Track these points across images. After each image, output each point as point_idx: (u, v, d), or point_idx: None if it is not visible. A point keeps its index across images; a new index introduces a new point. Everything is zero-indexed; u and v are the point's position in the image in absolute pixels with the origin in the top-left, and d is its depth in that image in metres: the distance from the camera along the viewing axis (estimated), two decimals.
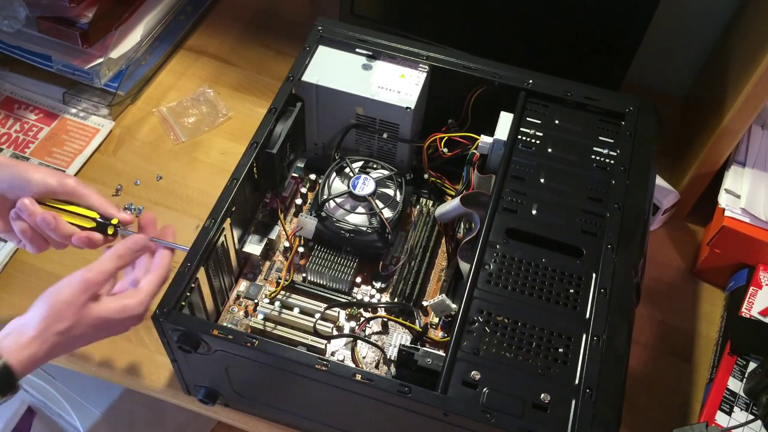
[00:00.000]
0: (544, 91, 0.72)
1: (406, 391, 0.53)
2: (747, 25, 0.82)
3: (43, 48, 0.91)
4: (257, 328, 0.69)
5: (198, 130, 0.92)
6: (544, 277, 0.60)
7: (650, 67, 0.97)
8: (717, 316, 0.80)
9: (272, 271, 0.75)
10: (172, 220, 0.82)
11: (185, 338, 0.57)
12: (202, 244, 0.61)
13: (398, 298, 0.73)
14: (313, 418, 0.66)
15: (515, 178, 0.66)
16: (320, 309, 0.70)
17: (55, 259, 0.76)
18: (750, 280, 0.78)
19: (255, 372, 0.61)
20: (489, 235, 0.62)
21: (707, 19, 0.92)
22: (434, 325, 0.72)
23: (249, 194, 0.72)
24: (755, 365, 0.71)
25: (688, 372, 0.76)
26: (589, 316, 0.58)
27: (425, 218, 0.79)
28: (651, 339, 0.77)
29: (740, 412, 0.68)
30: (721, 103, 0.78)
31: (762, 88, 0.70)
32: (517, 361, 0.55)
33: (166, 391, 0.70)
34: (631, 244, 0.62)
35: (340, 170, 0.77)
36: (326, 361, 0.54)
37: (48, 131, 0.91)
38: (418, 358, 0.60)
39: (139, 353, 0.72)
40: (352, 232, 0.73)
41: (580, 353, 0.56)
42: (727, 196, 0.78)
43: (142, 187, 0.86)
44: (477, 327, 0.57)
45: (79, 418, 0.93)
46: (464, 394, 0.53)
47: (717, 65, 0.89)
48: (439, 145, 0.74)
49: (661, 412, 0.72)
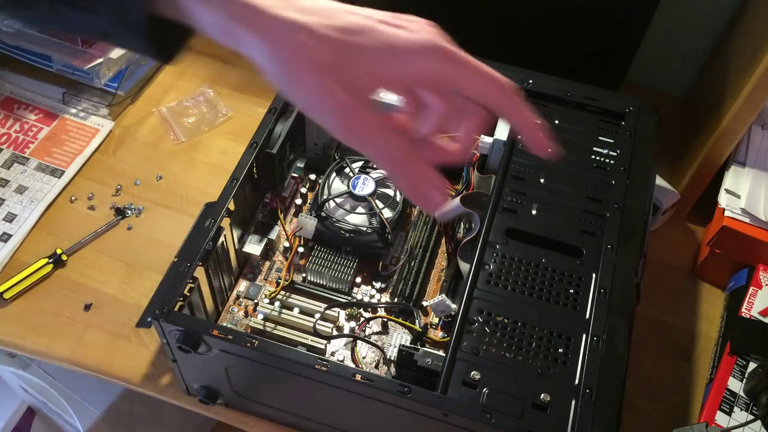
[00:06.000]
0: (543, 91, 0.72)
1: (406, 391, 0.53)
2: (747, 26, 0.82)
3: (42, 48, 0.91)
4: (257, 329, 0.69)
5: (198, 130, 0.92)
6: (544, 277, 0.60)
7: (650, 67, 0.97)
8: (717, 316, 0.80)
9: (272, 271, 0.75)
10: (172, 220, 0.83)
11: (185, 338, 0.57)
12: (202, 244, 0.61)
13: (398, 298, 0.73)
14: (313, 418, 0.66)
15: (515, 178, 0.66)
16: (320, 309, 0.70)
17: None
18: (750, 280, 0.78)
19: (255, 372, 0.61)
20: (489, 235, 0.62)
21: (707, 19, 0.92)
22: (434, 325, 0.72)
23: (249, 194, 0.72)
24: (755, 365, 0.71)
25: (688, 372, 0.76)
26: (589, 316, 0.58)
27: (425, 218, 0.79)
28: (651, 339, 0.77)
29: (740, 412, 0.68)
30: (721, 103, 0.78)
31: (762, 88, 0.70)
32: (517, 361, 0.55)
33: (166, 391, 0.70)
34: (631, 244, 0.63)
35: (340, 170, 0.77)
36: (326, 361, 0.54)
37: (48, 131, 0.91)
38: (418, 358, 0.60)
39: (139, 353, 0.72)
40: (352, 232, 0.73)
41: (580, 353, 0.56)
42: (727, 196, 0.78)
43: (142, 187, 0.86)
44: (477, 327, 0.57)
45: (79, 418, 0.93)
46: (464, 394, 0.53)
47: (717, 65, 0.89)
48: None
49: (661, 412, 0.72)
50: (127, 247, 0.80)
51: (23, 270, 0.75)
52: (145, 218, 0.83)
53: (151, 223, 0.83)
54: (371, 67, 0.38)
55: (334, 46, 0.37)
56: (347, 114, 0.37)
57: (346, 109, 0.37)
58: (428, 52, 0.38)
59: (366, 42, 0.37)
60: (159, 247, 0.80)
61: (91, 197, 0.84)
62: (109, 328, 0.73)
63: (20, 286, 0.74)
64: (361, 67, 0.37)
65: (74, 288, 0.76)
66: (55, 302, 0.75)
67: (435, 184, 0.39)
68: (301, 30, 0.36)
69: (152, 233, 0.82)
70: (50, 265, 0.76)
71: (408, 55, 0.38)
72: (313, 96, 0.37)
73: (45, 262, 0.76)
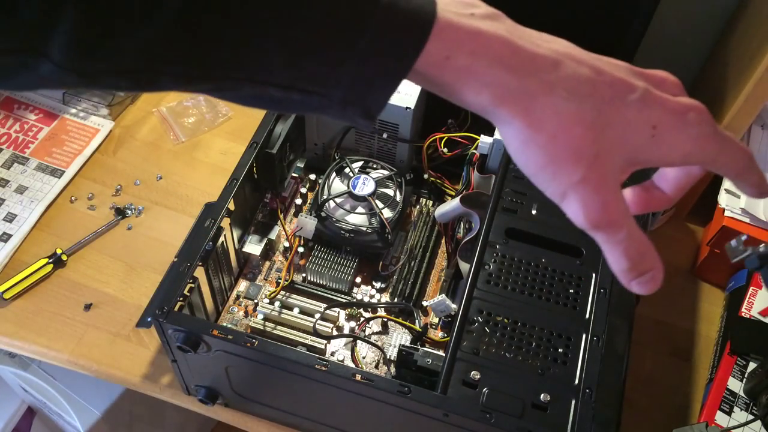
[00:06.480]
0: None
1: (405, 391, 0.53)
2: (747, 25, 0.82)
3: None
4: (257, 328, 0.69)
5: (198, 130, 0.92)
6: (544, 277, 0.60)
7: (650, 67, 0.97)
8: (717, 316, 0.80)
9: (272, 271, 0.75)
10: (172, 220, 0.83)
11: (185, 338, 0.57)
12: (202, 244, 0.61)
13: (398, 298, 0.73)
14: (313, 418, 0.66)
15: (515, 178, 0.66)
16: (320, 309, 0.70)
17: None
18: (750, 280, 0.78)
19: (255, 372, 0.61)
20: (489, 235, 0.62)
21: (707, 18, 0.92)
22: (434, 325, 0.72)
23: (249, 194, 0.72)
24: (755, 365, 0.71)
25: (688, 372, 0.76)
26: (589, 316, 0.58)
27: (425, 218, 0.79)
28: (651, 339, 0.77)
29: (740, 412, 0.68)
30: (721, 103, 0.78)
31: (762, 88, 0.70)
32: (517, 361, 0.55)
33: (166, 391, 0.70)
34: None
35: (339, 170, 0.77)
36: (326, 361, 0.54)
37: (48, 131, 0.91)
38: (418, 358, 0.60)
39: (139, 353, 0.72)
40: (351, 232, 0.73)
41: (580, 353, 0.56)
42: (727, 196, 0.78)
43: (142, 187, 0.86)
44: (477, 327, 0.57)
45: (79, 418, 0.93)
46: (464, 394, 0.53)
47: (717, 65, 0.89)
48: (438, 145, 0.74)
49: (661, 412, 0.72)
50: (127, 247, 0.80)
51: (23, 270, 0.75)
52: (145, 218, 0.83)
53: (151, 223, 0.83)
54: (632, 154, 0.33)
55: (597, 136, 0.32)
56: (601, 208, 0.32)
57: (603, 207, 0.32)
58: (699, 138, 0.33)
59: (630, 121, 0.33)
60: (159, 247, 0.80)
61: (91, 197, 0.84)
62: (109, 328, 0.73)
63: (20, 286, 0.74)
64: (621, 157, 0.33)
65: (74, 288, 0.76)
66: (55, 302, 0.75)
67: (660, 270, 0.35)
68: (572, 117, 0.32)
69: (152, 233, 0.82)
70: (50, 265, 0.76)
71: (675, 143, 0.33)
72: (570, 192, 0.32)
73: (45, 262, 0.76)
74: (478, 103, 0.33)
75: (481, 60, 0.31)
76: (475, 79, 0.31)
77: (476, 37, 0.31)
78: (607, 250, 0.34)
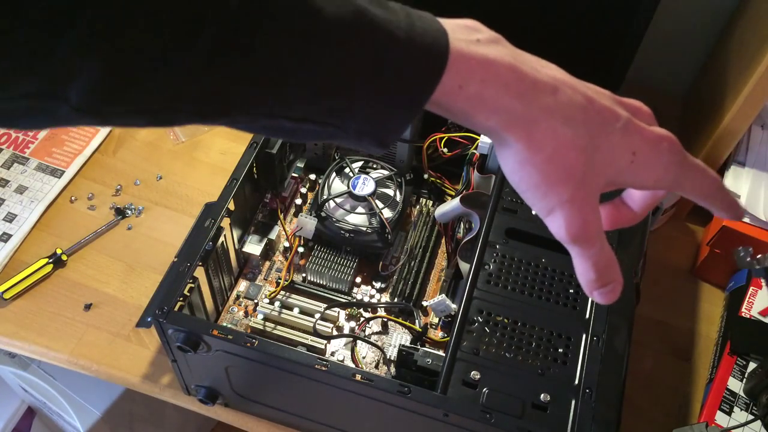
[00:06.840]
0: None
1: (405, 391, 0.53)
2: (747, 25, 0.82)
3: None
4: (257, 328, 0.69)
5: (198, 130, 0.92)
6: (543, 277, 0.60)
7: (650, 67, 0.97)
8: (717, 316, 0.80)
9: (272, 271, 0.75)
10: (172, 220, 0.83)
11: (185, 338, 0.57)
12: (202, 244, 0.61)
13: (398, 298, 0.73)
14: (313, 418, 0.66)
15: None
16: (320, 309, 0.70)
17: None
18: (750, 280, 0.78)
19: (255, 372, 0.61)
20: (489, 235, 0.62)
21: (707, 19, 0.92)
22: (434, 325, 0.72)
23: (249, 194, 0.72)
24: (755, 365, 0.71)
25: (688, 372, 0.76)
26: (588, 316, 0.58)
27: (425, 218, 0.79)
28: (651, 339, 0.77)
29: (740, 412, 0.68)
30: (721, 103, 0.78)
31: (762, 88, 0.70)
32: (517, 361, 0.55)
33: (166, 391, 0.70)
34: (631, 244, 0.62)
35: (339, 170, 0.77)
36: (326, 361, 0.54)
37: (48, 131, 0.91)
38: (418, 358, 0.60)
39: (139, 353, 0.72)
40: (351, 232, 0.73)
41: (580, 353, 0.56)
42: None
43: (142, 187, 0.86)
44: (477, 327, 0.57)
45: (79, 418, 0.93)
46: (464, 394, 0.53)
47: (717, 65, 0.89)
48: (438, 145, 0.74)
49: (661, 412, 0.72)
50: (127, 247, 0.80)
51: (23, 270, 0.75)
52: (145, 218, 0.83)
53: (151, 223, 0.83)
54: (612, 177, 0.35)
55: (588, 159, 0.34)
56: (582, 225, 0.35)
57: (583, 224, 0.35)
58: (670, 165, 0.36)
59: (615, 147, 0.35)
60: (159, 247, 0.80)
61: (91, 197, 0.84)
62: (109, 328, 0.73)
63: (20, 286, 0.74)
64: (604, 179, 0.35)
65: (74, 288, 0.76)
66: (55, 302, 0.75)
67: (620, 284, 0.38)
68: (568, 142, 0.34)
69: (152, 233, 0.82)
70: (50, 265, 0.76)
71: (649, 169, 0.36)
72: (557, 209, 0.34)
73: (45, 262, 0.76)
74: (487, 127, 0.34)
75: (491, 88, 0.33)
76: (485, 106, 0.33)
77: (486, 66, 0.33)
78: (578, 262, 0.36)
